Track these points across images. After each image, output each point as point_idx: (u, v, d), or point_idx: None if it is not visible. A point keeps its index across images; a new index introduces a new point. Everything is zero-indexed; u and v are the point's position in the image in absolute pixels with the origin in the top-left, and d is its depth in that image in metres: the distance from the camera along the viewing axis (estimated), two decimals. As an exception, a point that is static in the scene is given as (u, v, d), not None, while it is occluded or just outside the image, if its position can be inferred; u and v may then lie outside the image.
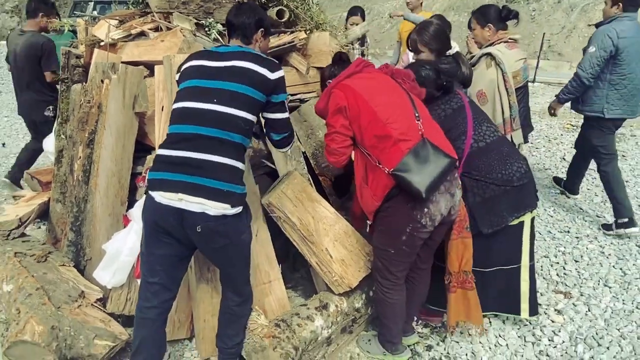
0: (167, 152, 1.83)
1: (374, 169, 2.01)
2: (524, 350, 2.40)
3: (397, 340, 2.27)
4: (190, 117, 1.82)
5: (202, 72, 1.88)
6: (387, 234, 2.06)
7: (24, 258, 2.55)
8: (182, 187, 1.75)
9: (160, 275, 1.91)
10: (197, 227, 1.77)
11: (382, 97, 2.03)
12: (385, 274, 2.14)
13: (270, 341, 2.10)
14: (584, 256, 3.33)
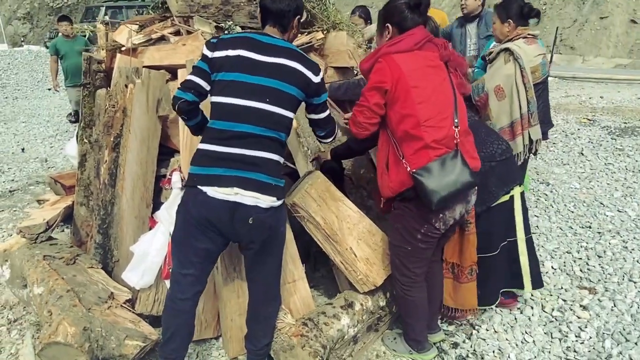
0: (217, 147, 1.84)
1: (397, 161, 2.00)
2: (551, 346, 2.39)
3: (422, 338, 2.28)
4: (241, 114, 1.82)
5: (249, 66, 1.84)
6: (403, 232, 2.08)
7: (52, 261, 2.59)
8: (237, 181, 1.81)
9: (196, 267, 1.94)
10: (250, 219, 1.81)
11: (428, 92, 1.93)
12: (404, 271, 2.15)
13: (298, 340, 2.12)
14: (607, 251, 3.31)
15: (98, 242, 2.68)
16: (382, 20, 2.06)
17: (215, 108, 1.88)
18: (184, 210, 1.91)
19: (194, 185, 1.85)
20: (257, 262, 2.01)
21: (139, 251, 2.42)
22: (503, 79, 2.70)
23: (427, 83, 1.94)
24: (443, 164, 1.90)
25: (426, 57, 1.98)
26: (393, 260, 2.20)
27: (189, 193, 1.89)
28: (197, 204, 1.84)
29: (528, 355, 2.33)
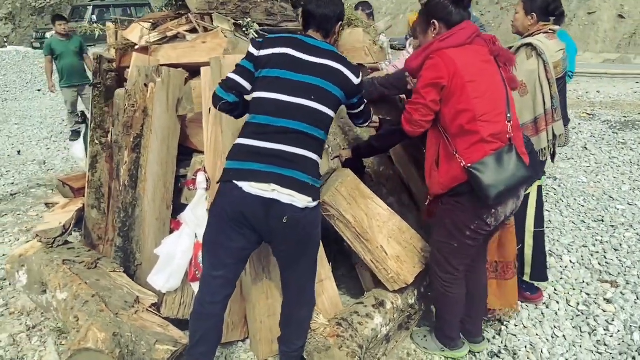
0: (255, 142, 1.81)
1: (450, 157, 1.97)
2: (581, 340, 2.40)
3: (455, 335, 2.26)
4: (284, 110, 1.81)
5: (294, 64, 1.85)
6: (451, 228, 2.04)
7: (73, 265, 2.53)
8: (274, 178, 1.76)
9: (227, 268, 1.89)
10: (284, 218, 1.77)
11: (483, 87, 1.92)
12: (447, 268, 2.12)
13: (335, 340, 2.10)
14: (622, 244, 3.33)
15: (118, 246, 2.62)
16: (426, 17, 2.03)
17: (257, 103, 1.86)
18: (218, 207, 1.85)
19: (229, 180, 1.81)
20: (290, 263, 1.97)
21: (165, 254, 2.37)
22: (526, 74, 2.69)
23: (482, 78, 1.92)
24: (499, 159, 1.88)
25: (478, 52, 1.96)
26: (435, 256, 2.17)
27: (224, 188, 1.83)
28: (232, 199, 1.79)
29: (560, 350, 2.33)
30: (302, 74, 1.85)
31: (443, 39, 1.94)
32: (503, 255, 2.34)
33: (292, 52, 1.86)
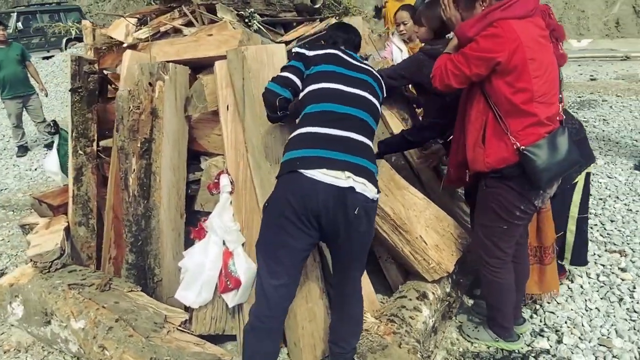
0: (322, 129, 1.72)
1: (500, 135, 1.88)
2: (614, 310, 2.46)
3: (509, 324, 2.22)
4: (346, 98, 1.81)
5: (345, 62, 1.93)
6: (500, 211, 1.99)
7: (82, 289, 2.27)
8: (348, 165, 1.67)
9: (289, 274, 1.74)
10: (356, 209, 1.64)
11: (543, 66, 1.82)
12: (495, 252, 2.08)
13: (392, 338, 2.01)
14: (616, 215, 3.48)
15: (131, 262, 2.38)
16: None
17: (317, 93, 1.81)
18: (279, 201, 1.70)
19: (294, 170, 1.66)
20: (351, 260, 1.84)
21: (193, 266, 2.18)
22: None
23: (542, 55, 1.84)
24: (553, 141, 1.85)
25: (537, 25, 1.87)
26: (483, 242, 2.11)
27: (288, 179, 1.68)
28: (299, 189, 1.65)
29: (599, 322, 2.37)
30: (354, 71, 1.92)
31: (505, 8, 1.79)
32: (541, 240, 2.33)
33: (340, 54, 1.96)
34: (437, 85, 1.98)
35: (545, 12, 1.96)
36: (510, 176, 1.92)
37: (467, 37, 1.86)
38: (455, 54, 1.91)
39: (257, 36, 2.36)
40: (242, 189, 2.26)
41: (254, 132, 2.16)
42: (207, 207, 2.44)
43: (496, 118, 1.89)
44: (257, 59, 2.12)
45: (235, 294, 2.20)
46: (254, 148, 2.17)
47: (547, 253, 2.33)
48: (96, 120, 2.89)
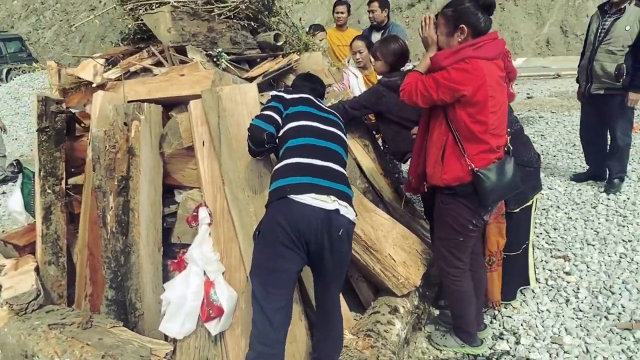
0: (306, 160, 1.92)
1: (457, 155, 2.11)
2: (562, 310, 2.73)
3: (473, 330, 2.43)
4: (323, 134, 2.03)
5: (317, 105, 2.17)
6: (455, 225, 2.23)
7: (63, 329, 2.28)
8: (332, 191, 1.86)
9: (287, 296, 1.86)
10: (340, 230, 1.82)
11: (499, 103, 2.07)
12: (454, 262, 2.30)
13: (370, 352, 2.16)
14: (558, 224, 3.83)
15: (111, 298, 2.43)
16: (454, 21, 2.05)
17: (295, 130, 2.01)
18: (271, 226, 1.82)
19: (284, 196, 1.82)
20: (332, 279, 1.99)
21: (175, 298, 2.25)
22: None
23: (500, 95, 2.09)
24: (501, 167, 2.11)
25: (499, 68, 2.10)
26: (442, 253, 2.33)
27: (279, 206, 1.83)
28: (290, 213, 1.79)
29: (551, 322, 2.64)
30: (323, 112, 2.17)
31: (476, 48, 2.00)
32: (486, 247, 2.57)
33: (312, 98, 2.20)
34: (405, 99, 2.20)
35: (505, 56, 2.20)
36: (464, 194, 2.17)
37: (440, 66, 2.06)
38: (427, 77, 2.10)
39: (228, 75, 2.50)
40: (220, 220, 2.37)
41: (230, 166, 2.29)
42: (184, 239, 2.52)
43: (455, 141, 2.12)
44: (231, 98, 2.26)
45: (218, 322, 2.28)
46: (231, 181, 2.29)
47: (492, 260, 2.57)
48: (64, 158, 2.92)
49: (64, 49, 23.39)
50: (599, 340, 2.50)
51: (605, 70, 4.04)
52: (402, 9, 19.17)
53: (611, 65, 3.99)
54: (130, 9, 2.74)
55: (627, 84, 3.97)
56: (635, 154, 5.13)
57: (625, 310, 2.71)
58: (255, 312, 1.87)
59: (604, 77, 4.07)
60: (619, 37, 3.94)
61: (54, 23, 24.72)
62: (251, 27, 3.11)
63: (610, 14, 4.06)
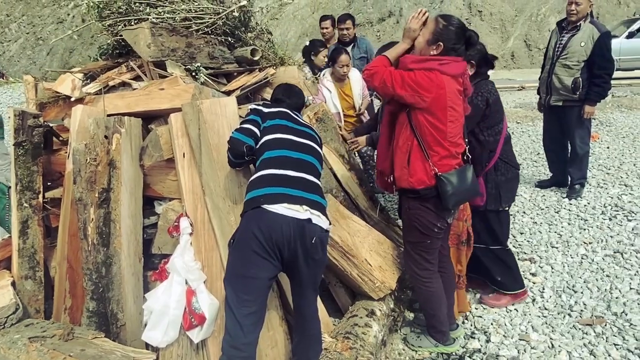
0: (280, 171, 2.00)
1: (422, 161, 2.25)
2: (529, 309, 2.89)
3: (445, 328, 2.55)
4: (297, 146, 2.12)
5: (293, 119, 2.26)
6: (421, 228, 2.36)
7: (44, 341, 2.28)
8: (305, 200, 1.94)
9: (257, 302, 1.93)
10: (313, 239, 1.90)
11: (457, 114, 2.24)
12: (423, 264, 2.43)
13: (349, 353, 2.24)
14: (524, 228, 4.03)
15: (92, 310, 2.44)
16: (437, 36, 2.20)
17: (273, 142, 2.10)
18: (245, 235, 1.90)
19: (258, 206, 1.90)
20: (307, 285, 2.07)
21: (158, 307, 2.29)
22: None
23: (458, 107, 2.26)
24: (462, 173, 2.26)
25: (458, 83, 2.27)
26: (411, 257, 2.45)
27: (253, 215, 1.90)
28: (263, 223, 1.87)
29: (518, 321, 2.79)
30: (300, 125, 2.26)
31: (441, 64, 2.19)
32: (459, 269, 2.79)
33: (289, 111, 2.29)
34: (365, 77, 2.34)
35: (467, 76, 2.37)
36: (427, 197, 2.30)
37: (407, 67, 2.24)
38: (395, 71, 2.24)
39: (207, 89, 2.58)
40: (201, 230, 2.43)
41: (211, 177, 2.36)
42: (164, 250, 2.57)
43: (420, 146, 2.26)
44: (211, 111, 2.34)
45: (200, 330, 2.33)
46: (212, 191, 2.36)
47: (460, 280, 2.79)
48: (41, 172, 2.93)
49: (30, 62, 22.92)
50: (563, 335, 2.66)
51: (563, 83, 4.30)
52: (372, 24, 19.60)
53: (568, 78, 4.25)
54: (109, 24, 2.79)
55: (583, 97, 4.23)
56: (595, 161, 5.43)
57: (587, 308, 2.89)
58: (227, 317, 1.96)
59: (562, 89, 4.33)
60: (574, 53, 4.20)
61: (20, 36, 24.17)
62: (228, 42, 3.21)
63: (567, 30, 4.33)
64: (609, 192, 4.58)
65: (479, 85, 2.69)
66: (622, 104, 8.65)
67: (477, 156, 2.66)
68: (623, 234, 3.75)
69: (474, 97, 2.61)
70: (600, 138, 6.47)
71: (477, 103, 2.63)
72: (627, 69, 11.69)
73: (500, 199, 2.80)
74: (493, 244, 2.91)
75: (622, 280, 3.14)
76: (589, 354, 2.50)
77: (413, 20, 2.29)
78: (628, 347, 2.53)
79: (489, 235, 2.90)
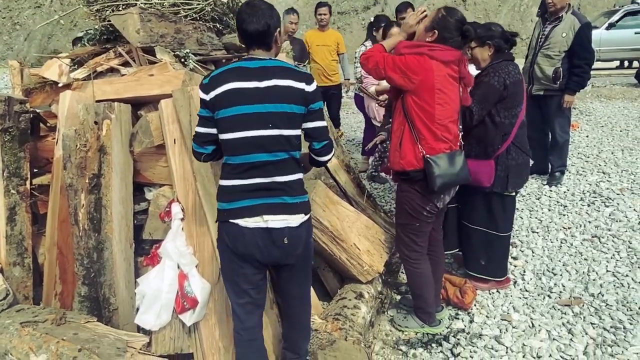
0: (238, 181, 1.89)
1: (412, 143, 2.34)
2: (511, 291, 3.00)
3: (432, 310, 2.64)
4: (252, 145, 1.83)
5: (245, 96, 1.80)
6: (411, 211, 2.44)
7: (36, 326, 2.30)
8: (266, 209, 1.87)
9: (250, 293, 1.99)
10: (284, 239, 1.89)
11: (447, 98, 2.31)
12: (413, 246, 2.51)
13: (339, 333, 2.31)
14: (506, 214, 4.14)
15: (84, 295, 2.46)
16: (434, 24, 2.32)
17: (226, 145, 1.88)
18: (224, 245, 1.96)
19: (225, 220, 1.91)
20: (294, 275, 2.07)
21: (151, 290, 2.32)
22: None
23: (450, 92, 2.33)
24: (451, 159, 2.32)
25: (451, 69, 2.33)
26: (402, 239, 2.53)
27: (223, 228, 1.93)
28: (232, 236, 1.90)
29: (500, 302, 2.89)
30: (255, 104, 1.81)
31: (433, 50, 2.28)
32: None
33: (238, 85, 1.81)
34: (362, 61, 2.45)
35: (461, 62, 2.40)
36: (415, 180, 2.37)
37: (399, 52, 2.37)
38: (388, 56, 2.35)
39: (197, 76, 2.58)
40: (192, 215, 2.46)
41: (202, 163, 2.38)
42: (155, 235, 2.59)
43: (410, 129, 2.35)
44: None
45: (192, 313, 2.37)
46: (203, 178, 2.39)
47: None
48: (28, 158, 2.91)
49: (7, 48, 22.31)
50: (543, 316, 2.77)
51: (544, 73, 4.40)
52: (357, 11, 19.57)
53: (549, 68, 4.35)
54: (96, 10, 2.76)
55: (564, 87, 4.34)
56: (574, 149, 5.58)
57: (566, 289, 3.01)
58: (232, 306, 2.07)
59: (543, 79, 4.43)
60: (556, 43, 4.30)
61: (-5, 20, 23.49)
62: (216, 28, 3.20)
63: (550, 21, 4.42)
64: (588, 180, 4.72)
65: (497, 66, 2.71)
66: (602, 94, 8.86)
67: (490, 138, 2.73)
68: (600, 219, 3.88)
69: (491, 78, 2.66)
70: (580, 127, 6.63)
71: (493, 84, 2.66)
72: (607, 60, 11.93)
73: (508, 182, 2.81)
74: (489, 227, 2.92)
75: (599, 263, 3.27)
76: (567, 332, 2.62)
77: (412, 16, 2.45)
78: (604, 325, 2.65)
79: (488, 218, 2.92)
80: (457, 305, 2.84)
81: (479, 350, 2.51)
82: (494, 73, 2.68)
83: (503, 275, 3.04)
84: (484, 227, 2.93)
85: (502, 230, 2.94)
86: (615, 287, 2.98)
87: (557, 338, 2.57)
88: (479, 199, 2.87)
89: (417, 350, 2.55)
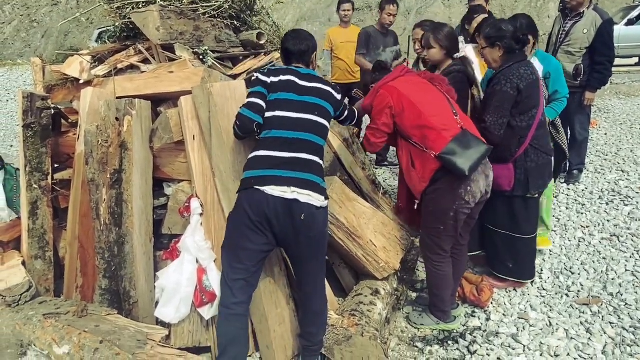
0: (273, 153, 2.09)
1: (421, 154, 2.39)
2: (528, 289, 2.98)
3: (447, 308, 2.63)
4: (295, 124, 2.15)
5: (297, 88, 2.22)
6: (437, 213, 2.42)
7: (59, 318, 2.35)
8: (293, 182, 2.02)
9: (247, 271, 2.08)
10: (302, 215, 1.99)
11: (423, 96, 2.43)
12: (436, 250, 2.50)
13: (356, 329, 2.32)
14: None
15: (105, 288, 2.51)
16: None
17: (271, 121, 2.16)
18: (239, 211, 2.06)
19: (250, 187, 2.02)
20: (306, 260, 2.16)
21: (170, 284, 2.36)
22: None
23: (421, 91, 2.47)
24: (459, 142, 2.30)
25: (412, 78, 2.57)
26: (425, 241, 2.53)
27: (245, 194, 2.04)
28: (254, 201, 2.01)
29: (518, 300, 2.87)
30: (304, 96, 2.23)
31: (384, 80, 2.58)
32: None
33: (294, 79, 2.25)
34: (367, 148, 2.71)
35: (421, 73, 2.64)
36: (440, 178, 2.36)
37: (364, 106, 2.69)
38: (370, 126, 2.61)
39: (217, 73, 2.61)
40: (210, 211, 2.49)
41: (221, 159, 2.41)
42: (174, 230, 2.63)
43: (414, 145, 2.42)
44: (221, 94, 2.38)
45: (211, 307, 2.41)
46: (222, 173, 2.41)
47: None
48: (50, 154, 2.97)
49: (25, 45, 22.68)
50: (561, 314, 2.75)
51: (565, 70, 4.33)
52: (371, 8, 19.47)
53: (570, 65, 4.29)
54: (117, 7, 2.80)
55: (584, 84, 4.28)
56: (593, 147, 5.50)
57: (584, 288, 2.98)
58: (221, 281, 2.14)
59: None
60: (577, 40, 4.24)
61: (14, 18, 23.86)
62: (234, 25, 3.22)
63: (570, 17, 4.36)
64: (607, 178, 4.66)
65: (508, 71, 2.61)
66: (620, 91, 8.71)
67: (507, 142, 2.68)
68: (619, 218, 3.83)
69: (503, 86, 2.58)
70: (599, 125, 6.54)
71: (506, 91, 2.57)
72: (626, 57, 11.71)
73: (529, 185, 2.76)
74: (512, 230, 2.87)
75: (618, 262, 3.23)
76: (586, 331, 2.60)
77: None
78: (623, 325, 2.62)
79: (511, 221, 2.86)
80: (474, 303, 2.83)
81: (495, 348, 2.50)
82: (505, 80, 2.59)
83: (531, 276, 2.99)
84: (507, 230, 2.87)
85: (526, 233, 2.88)
86: (635, 287, 2.94)
87: (576, 337, 2.55)
88: (501, 202, 2.82)
89: (433, 347, 2.55)
